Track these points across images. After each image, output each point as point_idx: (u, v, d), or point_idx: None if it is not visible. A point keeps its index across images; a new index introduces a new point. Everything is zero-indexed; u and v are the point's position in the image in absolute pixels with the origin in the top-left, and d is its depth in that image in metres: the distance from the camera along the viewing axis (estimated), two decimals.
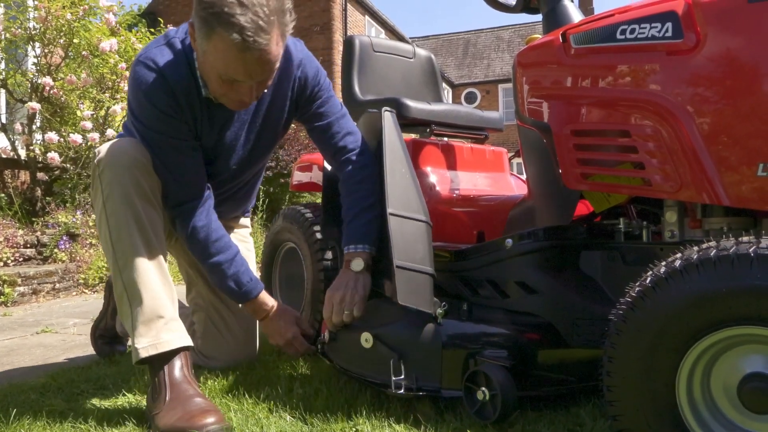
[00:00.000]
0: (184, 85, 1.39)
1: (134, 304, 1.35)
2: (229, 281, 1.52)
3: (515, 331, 1.35)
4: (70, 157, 4.85)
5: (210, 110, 1.46)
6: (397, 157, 1.40)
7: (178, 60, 1.39)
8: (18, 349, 2.29)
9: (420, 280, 1.34)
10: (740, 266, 0.85)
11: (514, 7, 1.66)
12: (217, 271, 1.51)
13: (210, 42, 1.24)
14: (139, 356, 1.32)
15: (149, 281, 1.36)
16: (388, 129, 1.42)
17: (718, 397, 0.93)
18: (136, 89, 1.39)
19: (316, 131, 1.61)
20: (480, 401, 1.22)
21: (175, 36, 1.43)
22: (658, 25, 1.12)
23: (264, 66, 1.27)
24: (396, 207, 1.35)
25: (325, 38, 14.92)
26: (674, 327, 0.90)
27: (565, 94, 1.30)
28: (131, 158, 1.39)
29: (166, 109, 1.38)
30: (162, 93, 1.37)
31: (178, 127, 1.42)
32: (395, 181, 1.37)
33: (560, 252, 1.36)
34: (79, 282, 4.06)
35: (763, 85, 1.00)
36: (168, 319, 1.36)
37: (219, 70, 1.28)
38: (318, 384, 1.49)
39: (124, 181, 1.37)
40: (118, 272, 1.37)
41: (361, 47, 2.21)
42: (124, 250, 1.36)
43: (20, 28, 4.83)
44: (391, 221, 1.33)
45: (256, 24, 1.19)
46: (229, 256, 1.51)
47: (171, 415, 1.24)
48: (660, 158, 1.12)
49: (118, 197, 1.37)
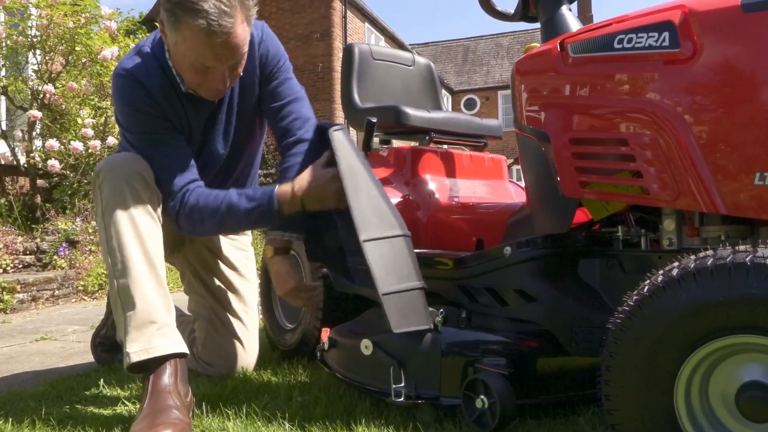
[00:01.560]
0: (158, 84, 1.45)
1: (127, 309, 1.35)
2: (245, 203, 1.42)
3: (514, 339, 1.35)
4: (70, 164, 4.86)
5: (193, 102, 1.50)
6: (358, 175, 1.35)
7: (147, 63, 1.46)
8: (17, 357, 2.29)
9: (410, 298, 1.31)
10: (737, 275, 0.85)
11: (513, 16, 1.67)
12: (230, 209, 1.43)
13: (178, 32, 1.30)
14: (130, 361, 1.31)
15: (143, 288, 1.36)
16: (342, 149, 1.37)
17: (716, 406, 0.94)
18: (115, 98, 1.48)
19: (269, 112, 1.60)
20: (479, 409, 1.22)
21: (144, 44, 1.50)
22: (655, 34, 1.12)
23: (232, 49, 1.32)
24: (368, 231, 1.30)
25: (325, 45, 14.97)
26: (672, 336, 0.91)
27: (563, 102, 1.31)
28: (130, 170, 1.42)
29: (144, 108, 1.44)
30: (138, 94, 1.43)
31: (161, 124, 1.47)
32: (360, 204, 1.32)
33: (559, 260, 1.37)
34: (78, 289, 4.06)
35: (760, 93, 1.01)
36: (161, 325, 1.36)
37: (190, 58, 1.33)
38: (317, 392, 1.49)
39: (122, 192, 1.39)
40: (114, 279, 1.37)
41: (360, 55, 2.22)
42: (120, 257, 1.37)
43: (21, 35, 4.84)
44: (367, 248, 1.28)
45: (219, 9, 1.25)
46: (227, 193, 1.45)
47: (139, 424, 1.23)
48: (658, 167, 1.13)
49: (116, 207, 1.38)
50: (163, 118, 1.47)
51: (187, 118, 1.51)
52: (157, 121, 1.46)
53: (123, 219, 1.38)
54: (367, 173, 1.39)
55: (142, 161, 1.46)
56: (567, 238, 1.38)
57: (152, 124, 1.46)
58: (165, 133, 1.48)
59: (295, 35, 14.75)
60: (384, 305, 1.27)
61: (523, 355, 1.33)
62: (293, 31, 14.92)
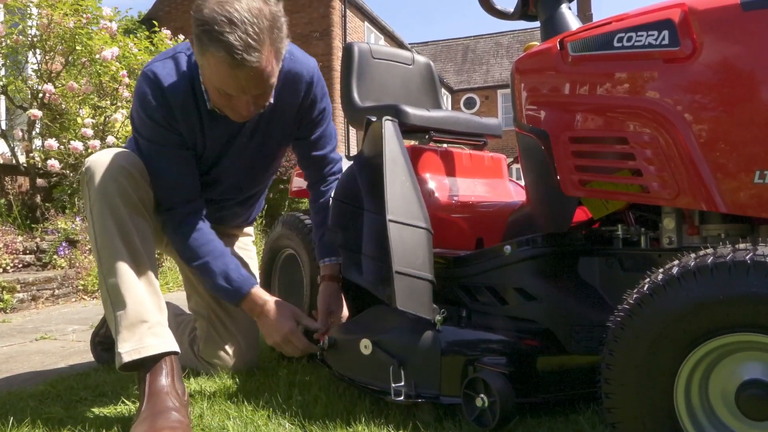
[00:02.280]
0: (181, 99, 1.43)
1: (117, 308, 1.34)
2: (219, 279, 1.49)
3: (514, 337, 1.35)
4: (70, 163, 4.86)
5: (214, 120, 1.49)
6: (398, 165, 1.41)
7: (179, 74, 1.43)
8: (17, 356, 2.29)
9: (419, 286, 1.34)
10: (737, 273, 0.85)
11: (512, 15, 1.67)
12: (206, 271, 1.49)
13: (204, 57, 1.27)
14: (122, 361, 1.31)
15: (133, 287, 1.35)
16: (389, 138, 1.43)
17: (716, 404, 0.94)
18: (135, 99, 1.45)
19: (305, 150, 1.70)
20: (479, 408, 1.22)
21: (182, 50, 1.47)
22: (655, 33, 1.12)
23: (257, 82, 1.29)
24: (395, 214, 1.35)
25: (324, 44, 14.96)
26: (672, 334, 0.91)
27: (562, 101, 1.31)
28: (118, 167, 1.41)
29: (159, 120, 1.43)
30: (157, 105, 1.42)
31: (169, 138, 1.46)
32: (395, 190, 1.37)
33: (559, 258, 1.37)
34: (78, 288, 4.06)
35: (760, 92, 1.01)
36: (152, 324, 1.35)
37: (215, 83, 1.31)
38: (317, 391, 1.50)
39: (109, 189, 1.38)
40: (103, 278, 1.37)
41: (360, 54, 2.22)
42: (108, 256, 1.36)
43: (22, 34, 4.84)
44: (391, 228, 1.33)
45: (245, 42, 1.21)
46: (216, 255, 1.50)
47: (139, 428, 1.23)
48: (657, 165, 1.13)
49: (103, 204, 1.38)
50: (175, 132, 1.46)
51: (203, 134, 1.51)
52: (168, 134, 1.45)
53: (110, 217, 1.37)
54: (406, 165, 1.43)
55: (131, 156, 1.45)
56: (567, 237, 1.38)
57: (162, 135, 1.45)
58: (171, 147, 1.48)
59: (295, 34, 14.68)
60: (394, 282, 1.29)
61: (523, 354, 1.33)
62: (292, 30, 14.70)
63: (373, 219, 1.46)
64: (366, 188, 1.52)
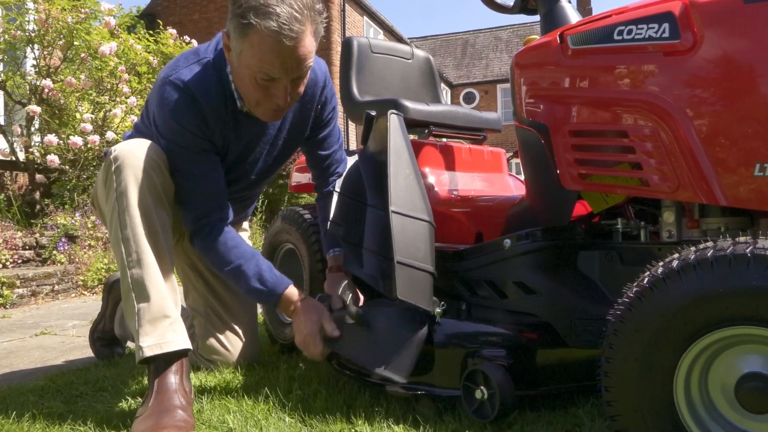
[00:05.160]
0: (214, 103, 1.41)
1: (140, 301, 1.34)
2: (253, 281, 1.45)
3: (514, 330, 1.35)
4: (69, 159, 4.85)
5: (238, 124, 1.48)
6: (402, 158, 1.41)
7: (208, 77, 1.41)
8: (17, 351, 2.29)
9: (420, 278, 1.34)
10: (737, 266, 0.85)
11: (512, 8, 1.67)
12: (240, 274, 1.46)
13: (246, 39, 1.26)
14: (143, 355, 1.31)
15: (157, 280, 1.35)
16: (394, 131, 1.43)
17: (716, 397, 0.94)
18: (162, 109, 1.40)
19: (313, 149, 1.71)
20: (478, 400, 1.22)
21: (205, 54, 1.45)
22: (655, 25, 1.12)
23: (299, 59, 1.28)
24: (398, 206, 1.35)
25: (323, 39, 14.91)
26: (672, 327, 0.91)
27: (562, 94, 1.31)
28: (148, 159, 1.39)
29: (193, 129, 1.41)
30: (190, 114, 1.39)
31: (202, 145, 1.44)
32: (398, 182, 1.38)
33: (558, 252, 1.37)
34: (78, 284, 4.06)
35: (760, 85, 1.01)
36: (173, 320, 1.36)
37: (254, 68, 1.29)
38: (317, 385, 1.50)
39: (140, 181, 1.37)
40: (126, 269, 1.36)
41: (359, 48, 2.21)
42: (134, 247, 1.35)
43: (19, 29, 4.82)
44: (393, 219, 1.34)
45: (291, 15, 1.23)
46: (248, 257, 1.47)
47: (144, 422, 1.23)
48: (657, 159, 1.12)
49: (132, 196, 1.36)
50: (206, 138, 1.44)
51: (229, 139, 1.49)
52: (199, 141, 1.43)
53: (139, 209, 1.36)
54: (410, 158, 1.43)
55: (158, 149, 1.43)
56: (566, 231, 1.38)
57: (193, 141, 1.42)
58: (201, 154, 1.45)
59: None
60: (395, 272, 1.29)
61: (523, 347, 1.33)
62: None
63: (375, 214, 1.46)
64: (370, 183, 1.52)
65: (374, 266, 1.41)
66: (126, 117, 5.15)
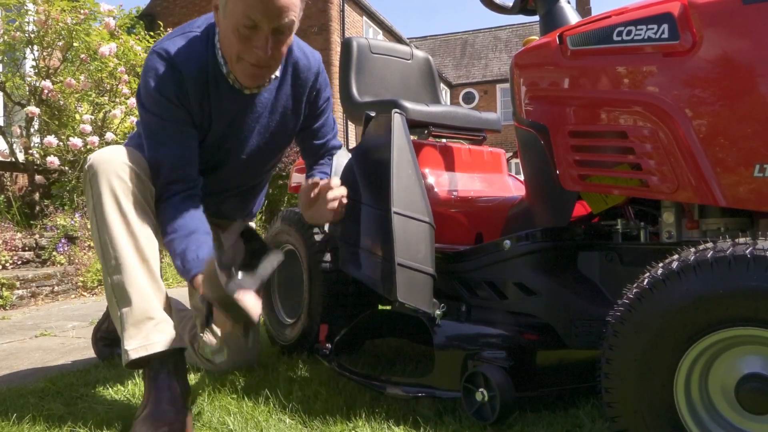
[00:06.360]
0: (194, 71, 1.44)
1: (122, 306, 1.34)
2: (176, 259, 1.41)
3: (514, 332, 1.35)
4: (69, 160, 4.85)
5: (221, 97, 1.49)
6: (404, 158, 1.42)
7: (192, 46, 1.45)
8: (17, 353, 2.29)
9: (420, 280, 1.34)
10: (737, 268, 0.85)
11: (512, 9, 1.67)
12: (169, 248, 1.42)
13: None
14: (129, 358, 1.31)
15: (138, 284, 1.35)
16: (397, 131, 1.43)
17: (716, 398, 0.94)
18: (145, 76, 1.45)
19: (308, 139, 1.73)
20: (479, 402, 1.22)
21: (191, 27, 1.49)
22: (655, 26, 1.12)
23: (280, 7, 1.30)
24: (400, 206, 1.36)
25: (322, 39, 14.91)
26: (672, 328, 0.91)
27: (562, 95, 1.31)
28: (121, 164, 1.40)
29: (170, 97, 1.43)
30: (170, 81, 1.42)
31: (179, 115, 1.46)
32: (401, 182, 1.38)
33: (558, 253, 1.37)
34: (77, 285, 4.06)
35: (759, 86, 1.01)
36: (158, 321, 1.35)
37: (237, 16, 1.31)
38: (317, 386, 1.50)
39: (113, 186, 1.38)
40: (108, 275, 1.36)
41: (358, 49, 2.21)
42: (113, 253, 1.36)
43: (19, 30, 4.82)
44: (395, 219, 1.34)
45: None
46: (184, 236, 1.43)
47: (142, 424, 1.23)
48: (657, 159, 1.12)
49: (106, 201, 1.37)
50: (184, 109, 1.46)
51: (212, 110, 1.50)
52: (177, 110, 1.45)
53: (114, 214, 1.37)
54: (412, 159, 1.44)
55: (134, 153, 1.44)
56: (566, 231, 1.38)
57: (170, 111, 1.44)
58: (178, 124, 1.46)
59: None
60: (395, 274, 1.30)
61: (523, 348, 1.33)
62: None
63: (372, 213, 1.46)
64: (365, 181, 1.52)
65: (373, 267, 1.41)
66: (126, 118, 5.15)
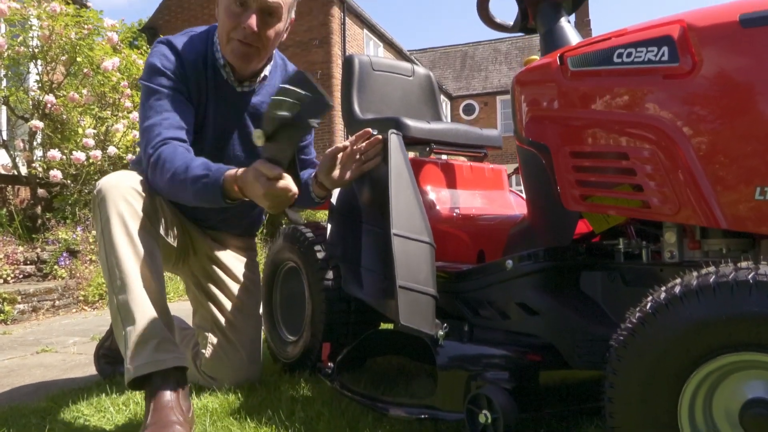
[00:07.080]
0: (193, 57, 1.59)
1: (127, 325, 1.36)
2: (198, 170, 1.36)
3: (517, 352, 1.35)
4: (71, 173, 4.86)
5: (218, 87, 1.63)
6: (403, 179, 1.42)
7: (193, 42, 1.62)
8: (18, 370, 2.28)
9: (422, 302, 1.34)
10: (739, 293, 0.85)
11: (512, 28, 1.68)
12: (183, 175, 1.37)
13: None
14: (131, 376, 1.32)
15: (143, 304, 1.37)
16: (394, 152, 1.44)
17: (720, 423, 0.93)
18: (149, 59, 1.58)
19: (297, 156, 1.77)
20: (482, 424, 1.22)
21: (193, 30, 1.66)
22: (655, 49, 1.13)
23: None
24: (400, 228, 1.36)
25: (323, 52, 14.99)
26: (675, 353, 0.91)
27: (563, 115, 1.31)
28: (128, 188, 1.44)
29: (169, 67, 1.56)
30: (171, 59, 1.57)
31: (175, 85, 1.56)
32: (399, 203, 1.38)
33: (560, 273, 1.37)
34: (79, 299, 4.06)
35: (759, 108, 1.01)
36: (161, 340, 1.36)
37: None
38: (320, 407, 1.49)
39: (120, 209, 1.41)
40: (114, 295, 1.39)
41: (360, 66, 2.22)
42: (118, 273, 1.38)
43: (23, 45, 4.86)
44: (395, 241, 1.34)
45: None
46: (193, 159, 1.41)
47: None
48: (658, 181, 1.13)
49: (114, 224, 1.40)
50: (182, 83, 1.57)
51: (207, 104, 1.62)
52: (175, 83, 1.56)
53: (121, 236, 1.40)
54: (410, 179, 1.45)
55: (141, 179, 1.48)
56: (568, 251, 1.38)
57: (169, 82, 1.55)
58: (176, 93, 1.56)
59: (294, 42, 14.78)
60: (398, 296, 1.30)
61: (526, 369, 1.33)
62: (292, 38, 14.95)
63: (372, 233, 1.46)
64: (365, 201, 1.52)
65: (375, 287, 1.41)
66: (128, 131, 5.17)
